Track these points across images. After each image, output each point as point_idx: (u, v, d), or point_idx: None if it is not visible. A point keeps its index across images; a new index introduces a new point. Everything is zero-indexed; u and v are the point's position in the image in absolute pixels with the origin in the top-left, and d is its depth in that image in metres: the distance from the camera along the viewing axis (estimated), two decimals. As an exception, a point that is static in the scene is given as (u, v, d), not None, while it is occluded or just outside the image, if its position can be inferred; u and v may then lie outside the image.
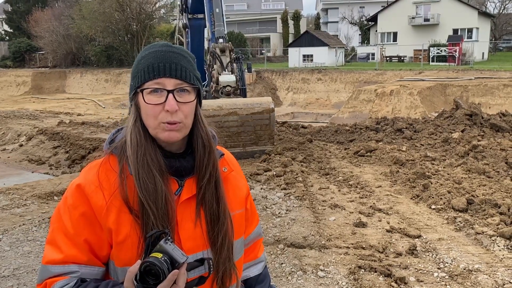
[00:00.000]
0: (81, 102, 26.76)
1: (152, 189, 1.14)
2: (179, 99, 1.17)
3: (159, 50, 1.20)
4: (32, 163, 11.47)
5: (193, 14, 12.74)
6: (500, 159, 7.71)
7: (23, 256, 4.68)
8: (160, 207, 1.13)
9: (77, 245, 1.15)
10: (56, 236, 1.16)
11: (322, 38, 37.37)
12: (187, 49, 10.76)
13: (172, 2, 39.12)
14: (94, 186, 1.16)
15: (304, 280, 4.00)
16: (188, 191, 1.21)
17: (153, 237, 1.06)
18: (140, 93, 1.17)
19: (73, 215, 1.15)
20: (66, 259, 1.14)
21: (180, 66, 1.18)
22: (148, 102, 1.16)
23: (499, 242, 4.61)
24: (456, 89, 19.63)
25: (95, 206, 1.15)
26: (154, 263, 1.00)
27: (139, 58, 1.22)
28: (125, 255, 1.14)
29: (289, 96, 28.49)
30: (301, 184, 6.83)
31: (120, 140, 1.23)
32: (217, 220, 1.22)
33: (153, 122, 1.16)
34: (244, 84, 10.31)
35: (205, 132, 1.26)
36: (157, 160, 1.17)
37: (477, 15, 36.30)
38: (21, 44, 42.66)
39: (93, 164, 1.24)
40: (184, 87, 1.18)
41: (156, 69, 1.16)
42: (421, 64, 30.55)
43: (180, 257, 1.03)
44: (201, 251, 1.20)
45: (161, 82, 1.16)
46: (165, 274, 1.00)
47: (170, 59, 1.18)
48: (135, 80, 1.20)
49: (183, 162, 1.23)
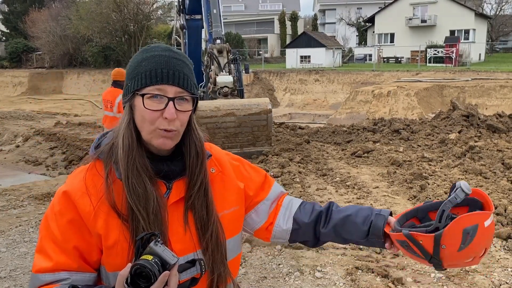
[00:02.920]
0: (78, 102, 26.71)
1: (142, 194, 1.13)
2: (178, 107, 1.16)
3: (161, 54, 1.18)
4: (29, 164, 11.43)
5: (191, 15, 12.74)
6: (497, 160, 7.73)
7: (20, 257, 4.67)
8: (151, 212, 1.13)
9: (67, 252, 1.14)
10: (45, 244, 1.15)
11: (320, 39, 37.43)
12: (184, 50, 10.73)
13: (169, 3, 39.12)
14: (80, 192, 1.15)
15: (302, 281, 4.00)
16: (176, 194, 1.21)
17: (143, 239, 1.05)
18: (139, 97, 1.16)
19: (60, 222, 1.15)
20: (55, 266, 1.13)
21: (182, 74, 1.17)
22: (147, 107, 1.14)
23: (496, 243, 4.62)
24: (453, 90, 19.69)
25: (83, 212, 1.14)
26: (145, 265, 0.99)
27: (139, 59, 1.19)
28: (115, 259, 1.14)
29: (287, 97, 28.51)
30: (298, 185, 6.84)
31: (106, 145, 1.22)
32: (207, 225, 1.21)
33: (149, 127, 1.15)
34: (241, 85, 10.30)
35: (198, 140, 1.25)
36: (145, 165, 1.16)
37: (474, 17, 36.45)
38: (18, 44, 42.52)
39: (79, 170, 1.23)
40: (184, 95, 1.17)
41: (160, 75, 1.15)
42: (418, 65, 30.62)
43: (171, 258, 1.03)
44: (192, 253, 1.20)
45: (163, 88, 1.15)
46: (156, 276, 1.00)
47: (174, 66, 1.17)
48: (135, 82, 1.17)
49: (171, 166, 1.22)
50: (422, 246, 1.16)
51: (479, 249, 1.15)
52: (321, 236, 1.40)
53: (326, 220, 1.38)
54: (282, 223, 1.42)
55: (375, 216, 1.31)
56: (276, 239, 1.44)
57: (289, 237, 1.43)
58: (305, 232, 1.41)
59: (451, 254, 1.14)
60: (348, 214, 1.35)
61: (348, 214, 1.35)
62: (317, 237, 1.41)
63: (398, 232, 1.22)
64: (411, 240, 1.18)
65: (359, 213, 1.34)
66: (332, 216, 1.38)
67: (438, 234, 1.13)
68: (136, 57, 1.21)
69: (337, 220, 1.36)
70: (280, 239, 1.44)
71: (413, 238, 1.17)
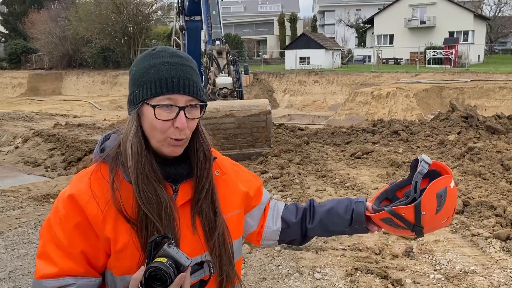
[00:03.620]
0: (78, 104, 26.66)
1: (155, 200, 1.12)
2: (189, 116, 1.15)
3: (170, 61, 1.15)
4: (28, 165, 11.43)
5: (190, 16, 12.76)
6: (496, 161, 7.75)
7: (19, 258, 4.67)
8: (165, 217, 1.13)
9: (73, 257, 1.12)
10: (48, 249, 1.13)
11: (319, 40, 37.42)
12: (184, 51, 10.73)
13: (169, 4, 39.11)
14: (87, 196, 1.14)
15: (301, 282, 4.01)
16: (183, 196, 1.21)
17: (154, 242, 1.05)
18: (150, 107, 1.14)
19: (66, 226, 1.12)
20: (61, 272, 1.11)
21: (192, 82, 1.16)
22: (158, 118, 1.13)
23: (495, 244, 4.63)
24: (452, 91, 19.70)
25: (91, 216, 1.12)
26: (160, 267, 0.99)
27: (146, 66, 1.16)
28: (124, 263, 1.13)
29: (286, 98, 28.51)
30: (297, 186, 6.84)
31: (112, 148, 1.20)
32: (214, 227, 1.21)
33: (159, 136, 1.15)
34: (241, 86, 10.30)
35: (206, 143, 1.25)
36: (154, 171, 1.16)
37: (472, 18, 36.47)
38: (17, 45, 42.47)
39: (83, 173, 1.21)
40: (194, 103, 1.17)
41: (170, 85, 1.13)
42: (417, 66, 30.64)
43: (185, 260, 1.03)
44: (200, 255, 1.20)
45: (174, 98, 1.14)
46: (172, 278, 0.99)
47: (183, 74, 1.15)
48: (143, 90, 1.14)
49: (179, 169, 1.22)
50: (404, 218, 1.30)
51: (450, 209, 1.31)
52: (308, 232, 1.46)
53: (311, 216, 1.46)
54: (272, 224, 1.47)
55: (355, 204, 1.40)
56: (266, 241, 1.49)
57: (279, 237, 1.48)
58: (294, 231, 1.47)
59: (431, 218, 1.29)
60: (331, 206, 1.43)
61: (330, 206, 1.43)
62: (304, 234, 1.48)
63: (381, 211, 1.33)
64: (394, 215, 1.31)
65: (339, 204, 1.43)
66: (316, 211, 1.45)
67: (418, 203, 1.27)
68: (143, 62, 1.18)
69: (322, 214, 1.43)
70: (270, 241, 1.49)
71: (396, 212, 1.30)
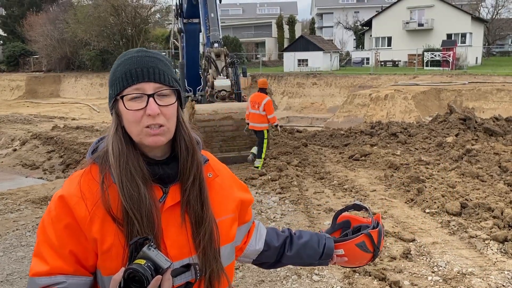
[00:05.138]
0: (76, 106, 26.63)
1: (136, 198, 1.14)
2: (160, 103, 1.16)
3: (134, 55, 1.20)
4: (26, 168, 11.42)
5: (188, 19, 12.76)
6: (494, 163, 7.76)
7: (17, 261, 4.66)
8: (145, 215, 1.13)
9: (63, 257, 1.15)
10: (42, 248, 1.17)
11: (317, 42, 37.48)
12: (182, 53, 10.75)
13: (167, 7, 39.13)
14: (76, 197, 1.16)
15: (299, 284, 4.01)
16: (172, 198, 1.21)
17: (136, 244, 1.06)
18: (121, 100, 1.17)
19: (57, 227, 1.16)
20: (52, 270, 1.14)
21: (158, 70, 1.18)
22: (129, 109, 1.16)
23: (493, 246, 4.64)
24: (450, 93, 19.74)
25: (79, 217, 1.15)
26: (137, 269, 1.00)
27: (115, 66, 1.21)
28: (110, 264, 1.14)
29: (284, 100, 28.53)
30: (296, 188, 6.85)
31: (102, 149, 1.23)
32: (201, 222, 1.21)
33: (136, 128, 1.16)
34: (239, 88, 10.32)
35: (187, 135, 1.25)
36: (140, 168, 1.17)
37: (470, 20, 36.58)
38: (15, 48, 42.44)
39: (75, 174, 1.24)
40: (163, 90, 1.18)
41: (134, 75, 1.16)
42: (415, 68, 30.69)
43: (164, 262, 1.03)
44: (187, 258, 1.20)
45: (141, 87, 1.16)
46: (149, 280, 1.00)
47: (147, 63, 1.18)
48: (114, 88, 1.19)
49: (167, 169, 1.22)
50: (374, 241, 1.46)
51: None
52: (283, 258, 1.54)
53: (290, 245, 1.54)
54: (255, 243, 1.50)
55: (327, 239, 1.53)
56: (243, 258, 1.51)
57: (256, 257, 1.52)
58: (271, 254, 1.53)
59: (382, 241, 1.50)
60: (307, 239, 1.54)
61: (307, 239, 1.54)
62: (278, 260, 1.54)
63: (356, 236, 1.48)
64: (370, 238, 1.47)
65: (313, 238, 1.54)
66: (294, 241, 1.54)
67: (380, 227, 1.49)
68: (114, 64, 1.23)
69: (299, 245, 1.53)
70: (246, 258, 1.52)
71: (371, 235, 1.47)
